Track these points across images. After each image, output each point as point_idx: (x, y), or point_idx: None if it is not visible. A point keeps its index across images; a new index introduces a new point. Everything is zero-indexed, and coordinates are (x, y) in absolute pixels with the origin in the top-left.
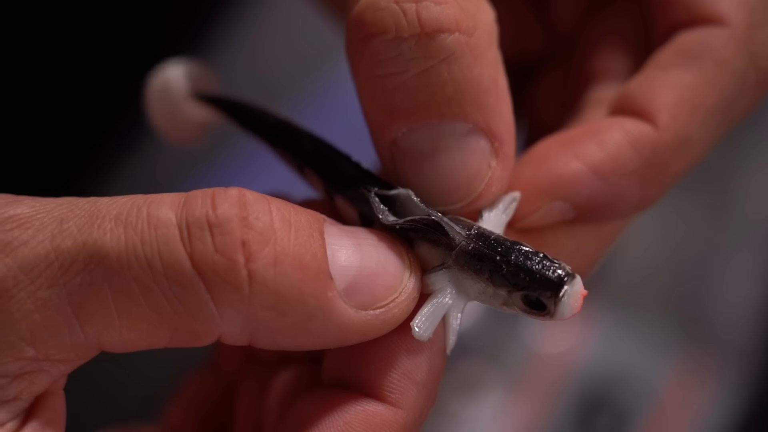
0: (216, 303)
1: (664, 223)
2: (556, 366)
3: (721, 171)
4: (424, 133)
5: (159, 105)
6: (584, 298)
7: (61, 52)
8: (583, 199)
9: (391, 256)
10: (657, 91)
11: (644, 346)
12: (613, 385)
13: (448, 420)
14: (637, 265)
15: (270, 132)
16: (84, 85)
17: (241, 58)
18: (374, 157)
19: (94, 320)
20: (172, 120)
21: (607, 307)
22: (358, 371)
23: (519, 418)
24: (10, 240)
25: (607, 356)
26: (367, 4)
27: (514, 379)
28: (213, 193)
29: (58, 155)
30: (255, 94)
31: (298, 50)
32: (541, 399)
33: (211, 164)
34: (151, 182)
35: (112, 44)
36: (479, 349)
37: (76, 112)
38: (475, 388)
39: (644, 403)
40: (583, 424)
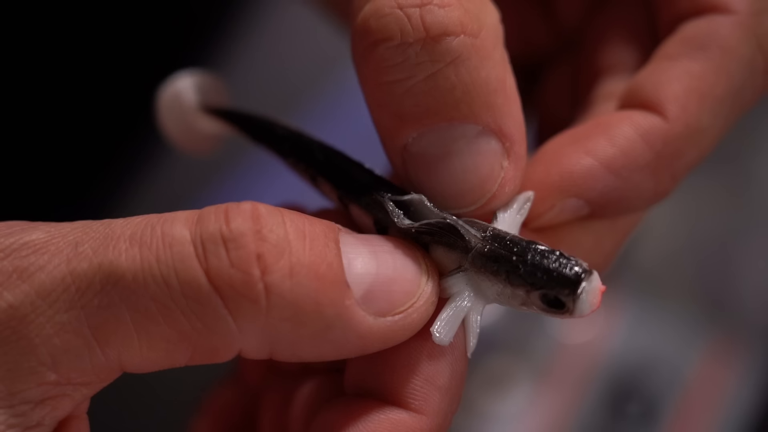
0: (234, 317)
1: (683, 208)
2: (583, 356)
3: (739, 153)
4: (434, 138)
5: (170, 116)
6: (603, 293)
7: (78, 67)
8: (597, 194)
9: (408, 261)
10: (665, 83)
11: (670, 332)
12: (641, 372)
13: (478, 417)
14: (659, 251)
15: (281, 143)
16: (101, 99)
17: (252, 68)
18: (388, 163)
19: (113, 341)
20: (184, 131)
21: (630, 295)
22: (380, 379)
23: (548, 411)
24: (26, 266)
25: (634, 344)
26: (371, 11)
27: (541, 372)
28: (226, 208)
29: (76, 169)
30: (268, 103)
31: (310, 58)
32: (570, 390)
33: (228, 175)
34: (169, 194)
35: (127, 57)
36: (505, 344)
37: (93, 126)
38: (502, 383)
39: (673, 388)
40: (613, 413)
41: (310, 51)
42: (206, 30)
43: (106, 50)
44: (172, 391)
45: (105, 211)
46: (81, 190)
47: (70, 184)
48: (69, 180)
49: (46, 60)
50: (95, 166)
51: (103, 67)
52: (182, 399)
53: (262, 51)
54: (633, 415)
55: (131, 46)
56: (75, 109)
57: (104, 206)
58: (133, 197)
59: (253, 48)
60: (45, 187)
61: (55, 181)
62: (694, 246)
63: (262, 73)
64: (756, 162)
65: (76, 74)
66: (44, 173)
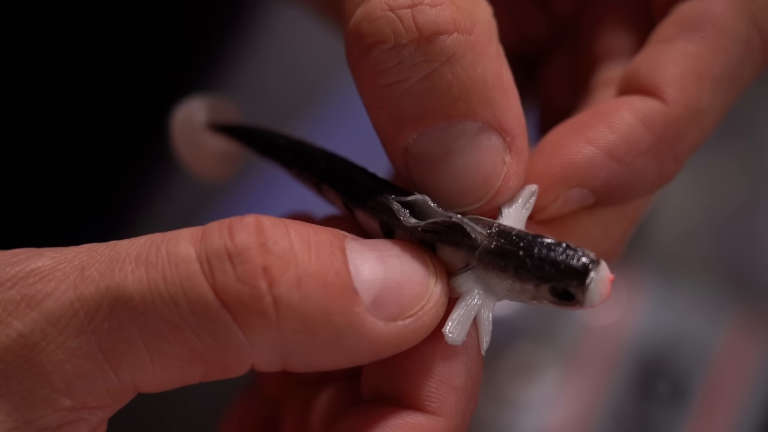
0: (245, 332)
1: (698, 182)
2: (609, 338)
3: (751, 122)
4: (435, 137)
5: (182, 139)
6: (612, 282)
7: (90, 94)
8: (601, 183)
9: (415, 264)
10: (662, 66)
11: (693, 308)
12: (668, 350)
13: (507, 405)
14: (677, 228)
15: (284, 153)
16: (113, 124)
17: (258, 79)
18: (391, 166)
19: (126, 363)
20: (196, 153)
21: (652, 274)
22: (395, 384)
23: (578, 395)
24: (33, 294)
25: (658, 322)
26: (362, 15)
27: (568, 356)
28: (229, 223)
29: (89, 191)
30: (275, 113)
31: (313, 65)
32: (598, 373)
33: (238, 189)
34: (181, 212)
35: (138, 81)
36: (530, 331)
37: (106, 149)
38: (530, 371)
39: (701, 364)
40: (643, 393)
41: (312, 58)
42: (213, 47)
43: (117, 74)
44: (194, 402)
45: (118, 232)
46: (92, 211)
47: (81, 206)
48: (81, 201)
49: (60, 84)
50: (107, 189)
51: (114, 91)
52: (204, 409)
53: (266, 62)
54: (663, 394)
55: (142, 69)
56: (87, 133)
57: (117, 227)
58: (146, 218)
59: (259, 60)
60: (56, 209)
61: (66, 203)
62: (712, 221)
63: (269, 84)
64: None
65: (95, 103)
66: (57, 194)
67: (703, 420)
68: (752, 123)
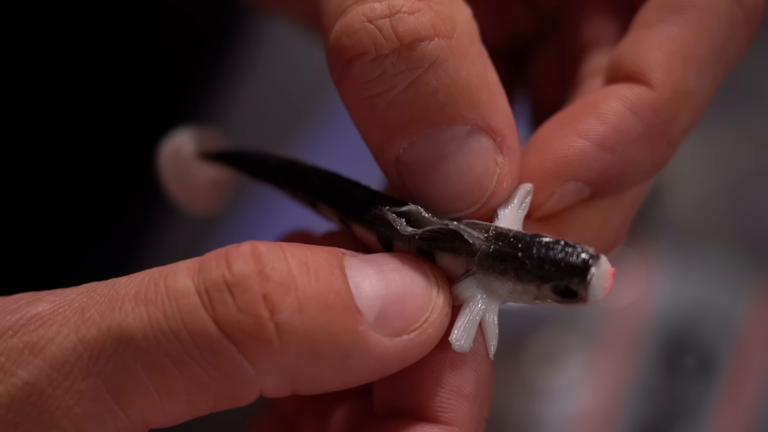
0: (250, 361)
1: (708, 153)
2: (632, 318)
3: (756, 88)
4: (425, 145)
5: (172, 174)
6: (613, 275)
7: (79, 128)
8: (595, 175)
9: (416, 276)
10: (646, 51)
11: (714, 279)
12: (692, 324)
13: (536, 394)
14: (691, 200)
15: (277, 175)
16: (100, 157)
17: (249, 104)
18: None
19: (134, 402)
20: (187, 187)
21: (669, 249)
22: (407, 397)
23: (605, 377)
24: (36, 340)
25: (680, 297)
26: (341, 28)
27: (592, 340)
28: (226, 252)
29: (82, 232)
30: (270, 131)
31: (303, 83)
32: (624, 354)
33: (236, 217)
34: (181, 244)
35: (128, 116)
36: (552, 318)
37: (98, 187)
38: (555, 358)
39: (726, 335)
40: (670, 369)
41: (302, 74)
42: (201, 74)
43: (105, 112)
44: (210, 428)
45: (121, 269)
46: (88, 251)
47: (83, 238)
48: (76, 239)
49: (47, 124)
50: (100, 229)
51: (103, 128)
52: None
53: (256, 83)
54: (690, 368)
55: (134, 106)
56: (78, 172)
57: (117, 263)
58: (146, 254)
59: (248, 82)
60: (52, 248)
61: (63, 241)
62: (725, 190)
63: (260, 104)
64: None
65: (78, 135)
66: (50, 235)
67: (734, 390)
68: (757, 89)
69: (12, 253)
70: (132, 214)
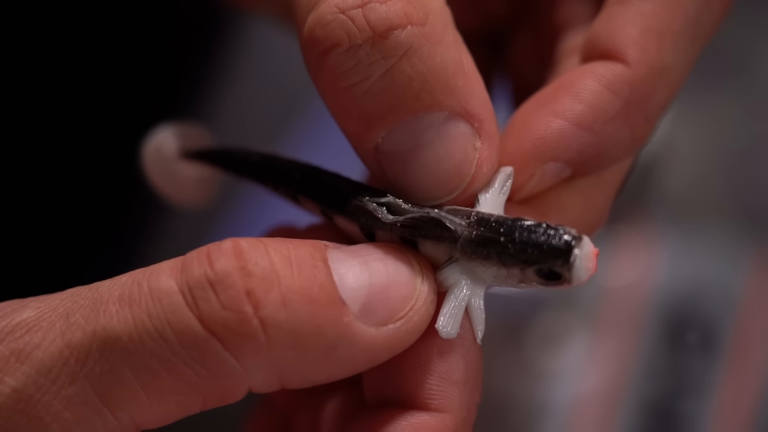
0: (237, 358)
1: (703, 126)
2: (632, 296)
3: (747, 59)
4: (403, 133)
5: (156, 170)
6: (597, 255)
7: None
8: (574, 154)
9: (400, 265)
10: (620, 28)
11: (714, 253)
12: (693, 300)
13: (539, 377)
14: (686, 175)
15: (257, 170)
16: (86, 157)
17: (237, 102)
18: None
19: (123, 404)
20: (172, 182)
21: (667, 226)
22: (396, 386)
23: (608, 357)
24: (22, 347)
25: (680, 273)
26: (314, 21)
27: (593, 320)
28: (208, 250)
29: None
30: (261, 132)
31: (292, 79)
32: (626, 332)
33: (233, 211)
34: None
35: (120, 115)
36: (552, 300)
37: (87, 188)
38: (557, 339)
39: (728, 309)
40: (673, 346)
41: (295, 71)
42: (188, 71)
43: (93, 111)
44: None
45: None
46: (88, 254)
47: (64, 250)
48: (75, 242)
49: (38, 126)
50: (98, 230)
51: (97, 128)
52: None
53: (244, 81)
54: (693, 344)
55: (122, 104)
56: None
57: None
58: (134, 254)
59: (237, 80)
60: (52, 252)
61: (62, 245)
62: (721, 163)
63: (249, 102)
64: (764, 60)
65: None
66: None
67: (738, 363)
68: (749, 60)
69: (9, 259)
70: (129, 214)
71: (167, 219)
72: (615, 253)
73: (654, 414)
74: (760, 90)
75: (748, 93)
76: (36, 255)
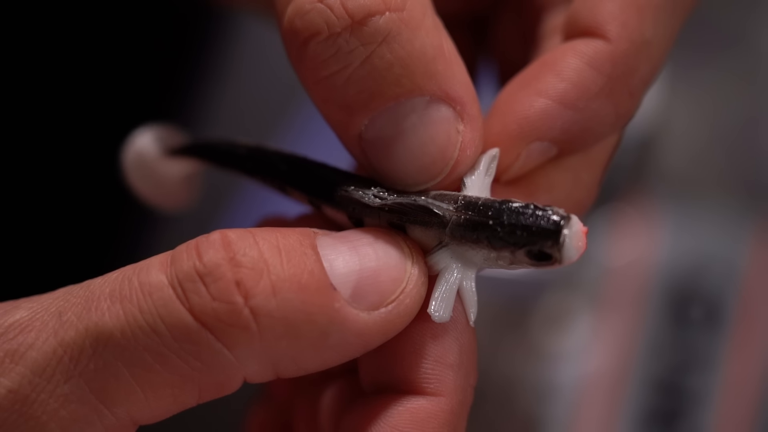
0: (230, 348)
1: (700, 101)
2: (635, 274)
3: (742, 32)
4: (386, 119)
5: (138, 174)
6: (586, 234)
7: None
8: (559, 132)
9: (389, 248)
10: (600, 4)
11: (715, 228)
12: (696, 275)
13: (545, 358)
14: (686, 152)
15: (244, 163)
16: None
17: (232, 100)
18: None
19: (119, 400)
20: (155, 185)
21: (667, 203)
22: (391, 372)
23: (614, 336)
24: (15, 348)
25: (682, 248)
26: (293, 11)
27: (597, 300)
28: (196, 243)
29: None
30: (257, 128)
31: (289, 76)
32: (630, 311)
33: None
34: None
35: (107, 117)
36: (555, 281)
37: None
38: (562, 320)
39: (730, 282)
40: (678, 321)
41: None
42: (181, 73)
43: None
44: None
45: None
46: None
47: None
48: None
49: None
50: (97, 232)
51: (91, 131)
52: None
53: (243, 75)
54: (697, 318)
55: (111, 105)
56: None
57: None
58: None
59: (235, 76)
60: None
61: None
62: (720, 138)
63: (243, 100)
64: (759, 34)
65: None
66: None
67: (743, 336)
68: (742, 31)
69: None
70: (127, 216)
71: (162, 224)
72: (616, 232)
73: (661, 390)
74: (755, 61)
75: (743, 65)
76: (27, 260)
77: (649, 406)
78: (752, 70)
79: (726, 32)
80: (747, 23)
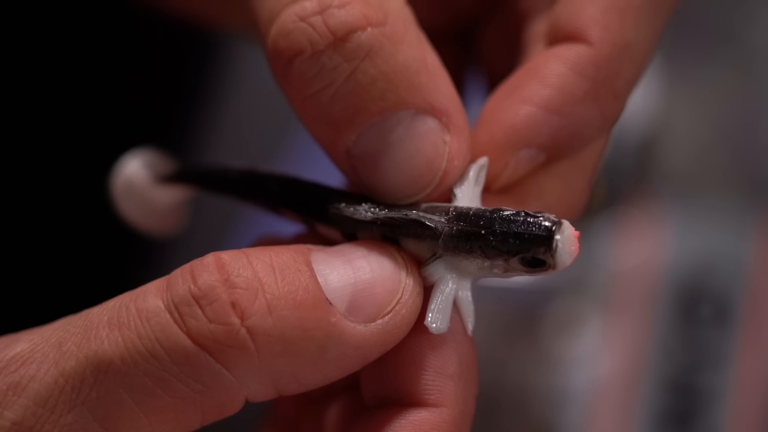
0: (229, 369)
1: (698, 100)
2: (643, 276)
3: (737, 27)
4: (372, 134)
5: (127, 200)
6: (578, 238)
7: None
8: (546, 138)
9: (383, 260)
10: (580, 9)
11: (720, 225)
12: (704, 274)
13: (557, 364)
14: (688, 151)
15: (237, 188)
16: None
17: (231, 124)
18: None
19: (123, 427)
20: (145, 211)
21: (671, 203)
22: (392, 385)
23: (624, 339)
24: (18, 380)
25: (688, 248)
26: (276, 31)
27: (606, 304)
28: (190, 267)
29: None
30: (258, 151)
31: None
32: (640, 312)
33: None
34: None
35: (107, 142)
36: (563, 287)
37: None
38: (571, 326)
39: (738, 279)
40: (687, 321)
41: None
42: (179, 107)
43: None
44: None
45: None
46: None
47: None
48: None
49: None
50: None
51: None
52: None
53: (242, 98)
54: (707, 317)
55: (111, 130)
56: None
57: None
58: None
59: (235, 99)
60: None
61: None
62: (721, 135)
63: (248, 121)
64: (754, 30)
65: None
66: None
67: (752, 332)
68: (737, 27)
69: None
70: (126, 244)
71: (164, 250)
72: (622, 235)
73: (675, 391)
74: (753, 57)
75: (741, 61)
76: (24, 290)
77: (662, 408)
78: (750, 65)
79: (720, 29)
80: (741, 19)
